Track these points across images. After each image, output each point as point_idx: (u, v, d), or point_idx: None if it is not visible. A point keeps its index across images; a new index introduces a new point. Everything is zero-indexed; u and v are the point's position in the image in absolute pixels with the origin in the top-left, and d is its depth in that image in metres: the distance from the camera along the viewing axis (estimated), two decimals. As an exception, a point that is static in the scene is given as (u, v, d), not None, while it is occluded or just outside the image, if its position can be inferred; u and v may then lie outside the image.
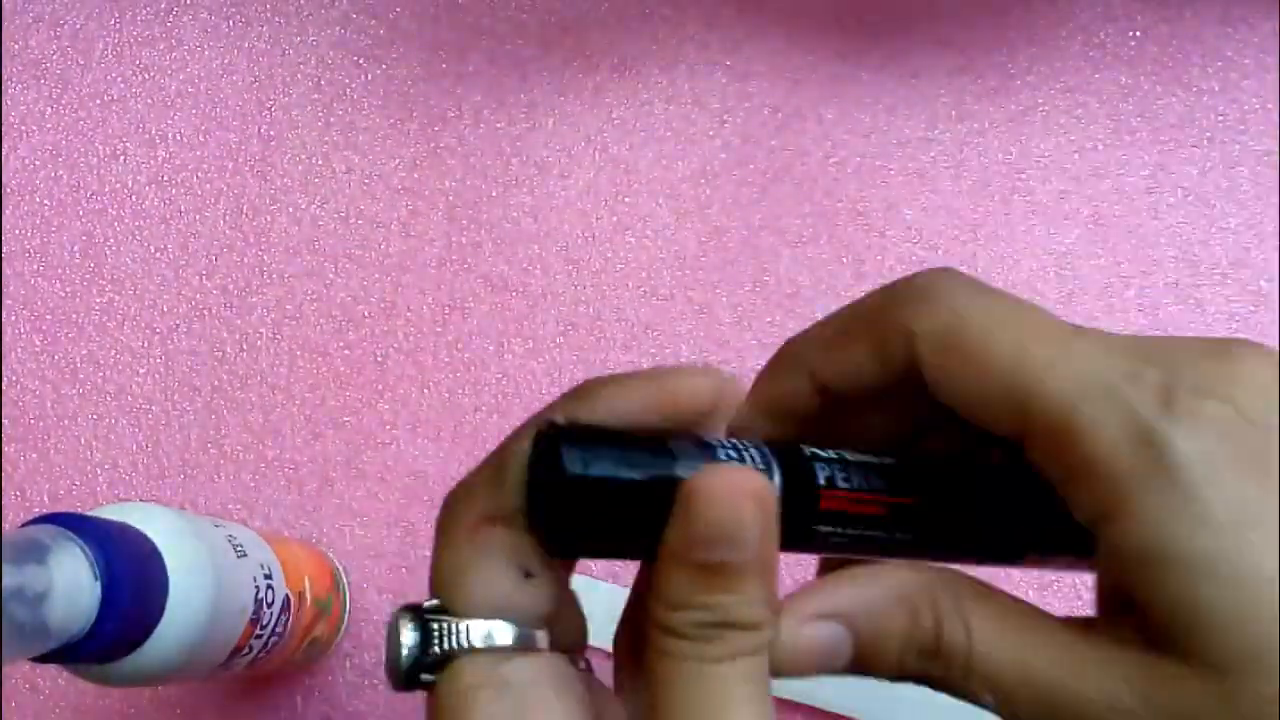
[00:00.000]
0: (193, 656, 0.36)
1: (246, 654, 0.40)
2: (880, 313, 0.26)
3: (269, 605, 0.41)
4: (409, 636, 0.25)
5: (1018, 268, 0.54)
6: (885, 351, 0.25)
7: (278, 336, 0.55)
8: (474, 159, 0.57)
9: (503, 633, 0.25)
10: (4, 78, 0.59)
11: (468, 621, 0.25)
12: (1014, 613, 0.25)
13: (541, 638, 0.25)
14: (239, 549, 0.40)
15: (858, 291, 0.52)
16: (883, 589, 0.25)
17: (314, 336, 0.55)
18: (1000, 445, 0.25)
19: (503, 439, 0.26)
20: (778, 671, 0.25)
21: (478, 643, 0.25)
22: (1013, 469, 0.25)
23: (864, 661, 0.25)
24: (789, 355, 0.27)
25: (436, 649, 0.25)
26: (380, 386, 0.54)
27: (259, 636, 0.40)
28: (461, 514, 0.26)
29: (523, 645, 0.25)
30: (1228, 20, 0.56)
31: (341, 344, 0.55)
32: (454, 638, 0.25)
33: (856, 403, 0.27)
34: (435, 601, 0.25)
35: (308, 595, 0.45)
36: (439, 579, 0.26)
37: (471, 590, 0.25)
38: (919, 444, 0.28)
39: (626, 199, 0.56)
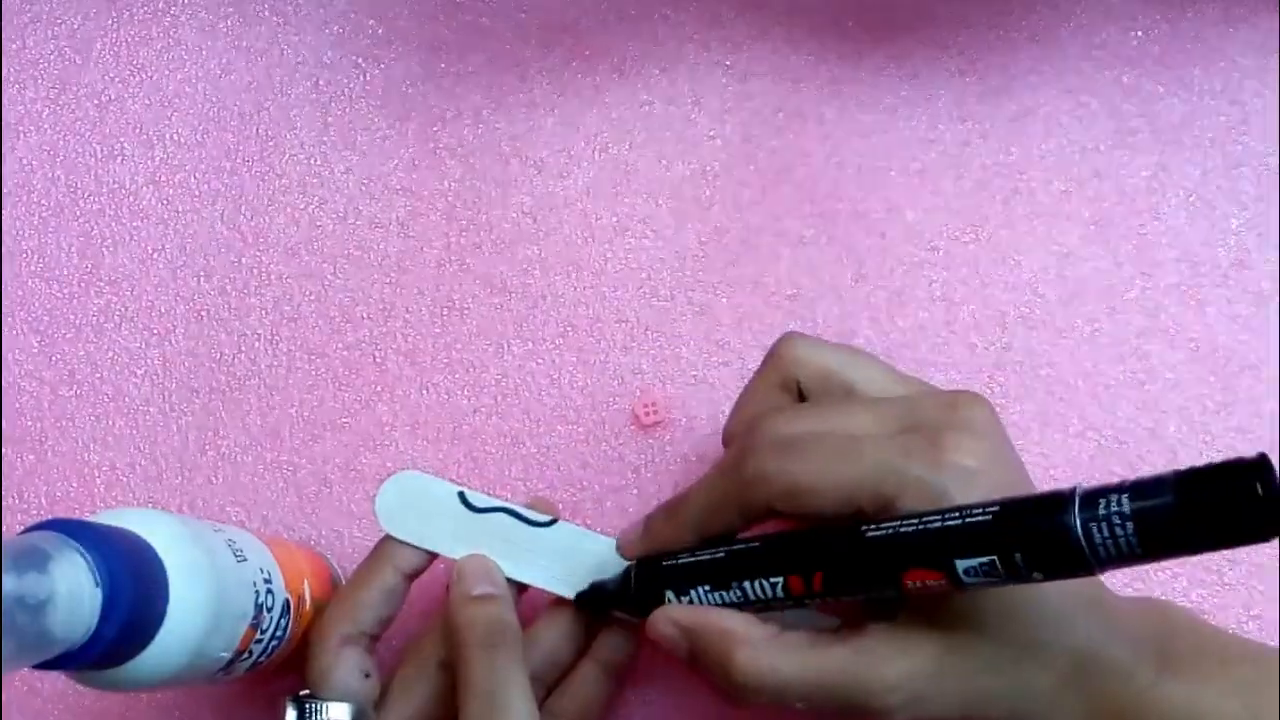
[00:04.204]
0: (193, 661, 0.36)
1: (247, 658, 0.40)
2: (738, 495, 0.41)
3: (269, 609, 0.41)
4: (291, 713, 0.42)
5: (1019, 269, 0.54)
6: (750, 516, 0.41)
7: (276, 338, 0.55)
8: (473, 159, 0.57)
9: (349, 711, 0.42)
10: (1, 77, 0.59)
11: (328, 703, 0.42)
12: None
13: (371, 713, 0.43)
14: (239, 554, 0.40)
15: (858, 293, 0.53)
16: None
17: (312, 338, 0.55)
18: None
19: (358, 589, 0.44)
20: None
21: (334, 716, 0.42)
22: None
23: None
24: (681, 523, 0.43)
25: None
26: (379, 388, 0.54)
27: (259, 640, 0.40)
28: (328, 635, 0.43)
29: (361, 718, 0.43)
30: (1230, 21, 0.56)
31: (340, 345, 0.55)
32: (319, 714, 0.42)
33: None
34: (307, 691, 0.43)
35: (307, 598, 0.45)
36: (311, 676, 0.43)
37: (332, 684, 0.42)
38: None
39: (626, 199, 0.56)
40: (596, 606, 0.45)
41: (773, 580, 0.40)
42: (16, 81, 0.59)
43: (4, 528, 0.53)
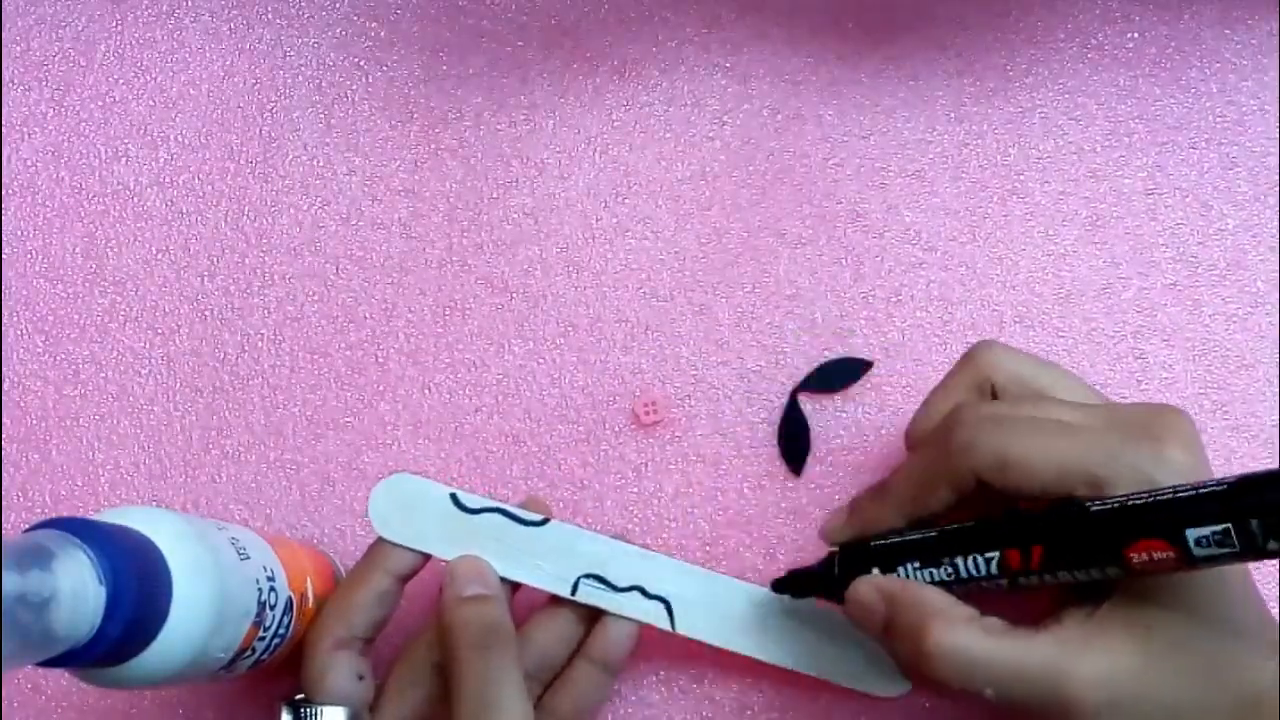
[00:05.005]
0: (196, 660, 0.36)
1: (250, 656, 0.41)
2: (946, 467, 0.40)
3: (272, 607, 0.41)
4: (285, 718, 0.42)
5: (1016, 269, 0.54)
6: (960, 488, 0.40)
7: (279, 338, 0.55)
8: (474, 160, 0.57)
9: (343, 714, 0.42)
10: (5, 79, 0.59)
11: (322, 707, 0.42)
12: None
13: (366, 716, 0.43)
14: (242, 552, 0.40)
15: (857, 293, 0.53)
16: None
17: (315, 337, 0.55)
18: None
19: (351, 592, 0.44)
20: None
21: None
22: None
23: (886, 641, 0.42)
24: (889, 501, 0.43)
25: None
26: (381, 387, 0.55)
27: (262, 638, 0.41)
28: (321, 639, 0.43)
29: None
30: (1226, 22, 0.56)
31: (342, 345, 0.55)
32: (314, 718, 0.42)
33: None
34: (302, 695, 0.43)
35: (310, 596, 0.45)
36: (306, 680, 0.43)
37: (326, 688, 0.42)
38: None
39: (626, 200, 0.56)
40: (795, 592, 0.45)
41: (988, 555, 0.39)
42: (21, 83, 0.59)
43: (8, 526, 0.54)
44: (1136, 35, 0.56)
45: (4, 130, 0.59)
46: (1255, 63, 0.56)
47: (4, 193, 0.58)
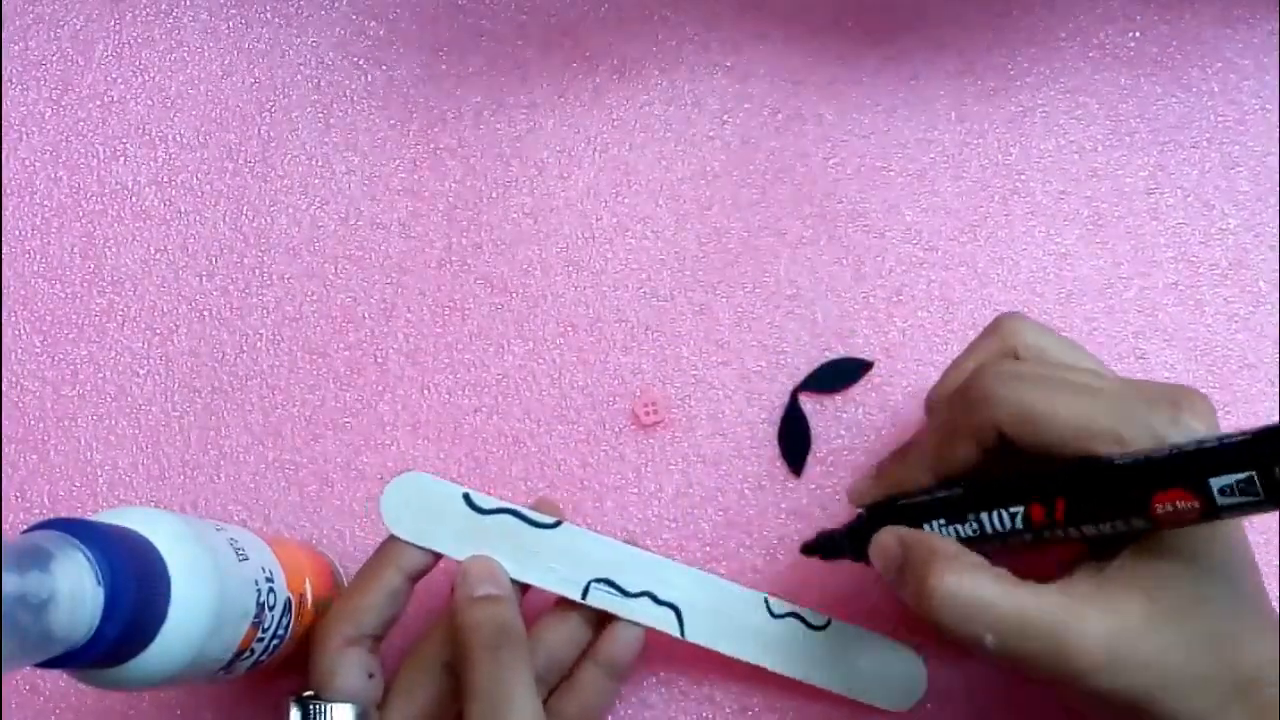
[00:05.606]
0: (195, 661, 0.36)
1: (248, 657, 0.40)
2: (968, 421, 0.40)
3: (271, 608, 0.41)
4: (295, 714, 0.42)
5: (1017, 268, 0.54)
6: (983, 442, 0.40)
7: (278, 338, 0.55)
8: (474, 160, 0.57)
9: (352, 712, 0.42)
10: (4, 78, 0.59)
11: (332, 704, 0.42)
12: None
13: (375, 714, 0.44)
14: (240, 553, 0.40)
15: (857, 293, 0.53)
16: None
17: (314, 337, 0.55)
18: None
19: (362, 590, 0.44)
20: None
21: (338, 717, 0.42)
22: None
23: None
24: (914, 461, 0.43)
25: None
26: (380, 388, 0.54)
27: (261, 639, 0.41)
28: (331, 636, 0.43)
29: (364, 719, 0.43)
30: (1227, 21, 0.56)
31: (341, 345, 0.55)
32: (323, 715, 0.42)
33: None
34: (311, 692, 0.43)
35: (309, 597, 0.45)
36: (315, 677, 0.43)
37: (335, 686, 0.43)
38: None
39: (626, 200, 0.56)
40: (825, 553, 0.46)
41: (1012, 510, 0.39)
42: (19, 83, 0.59)
43: (6, 527, 0.54)
44: (1138, 34, 0.56)
45: (2, 130, 0.59)
46: (1256, 62, 0.55)
47: (2, 192, 0.58)
